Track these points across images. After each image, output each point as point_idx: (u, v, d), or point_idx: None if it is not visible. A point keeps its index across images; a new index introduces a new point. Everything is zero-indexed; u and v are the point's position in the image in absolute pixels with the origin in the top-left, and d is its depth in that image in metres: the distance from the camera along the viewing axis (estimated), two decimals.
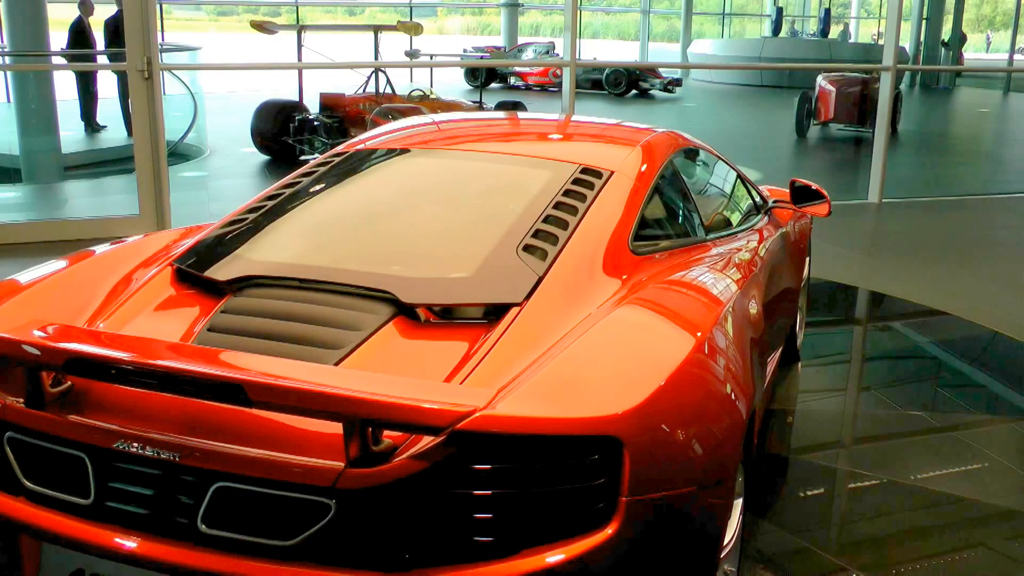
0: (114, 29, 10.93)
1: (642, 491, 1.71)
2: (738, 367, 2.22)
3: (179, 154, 10.50)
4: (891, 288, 5.91)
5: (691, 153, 3.56)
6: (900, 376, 4.62)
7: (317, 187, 2.85)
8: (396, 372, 1.90)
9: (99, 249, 2.70)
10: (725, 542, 2.14)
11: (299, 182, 2.91)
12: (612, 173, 2.72)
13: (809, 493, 3.34)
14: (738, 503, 2.22)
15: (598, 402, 1.73)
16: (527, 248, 2.31)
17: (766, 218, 3.79)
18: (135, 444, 1.74)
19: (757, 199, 3.88)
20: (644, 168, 2.85)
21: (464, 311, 2.14)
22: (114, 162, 10.02)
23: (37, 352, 1.78)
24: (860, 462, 3.61)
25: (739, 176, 3.85)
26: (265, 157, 10.90)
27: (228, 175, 10.47)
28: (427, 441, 1.64)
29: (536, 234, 2.37)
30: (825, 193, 4.00)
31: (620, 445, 1.68)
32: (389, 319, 2.08)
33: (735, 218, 3.66)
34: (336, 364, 1.93)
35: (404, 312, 2.12)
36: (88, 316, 2.26)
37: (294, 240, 2.54)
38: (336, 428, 1.66)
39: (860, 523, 3.14)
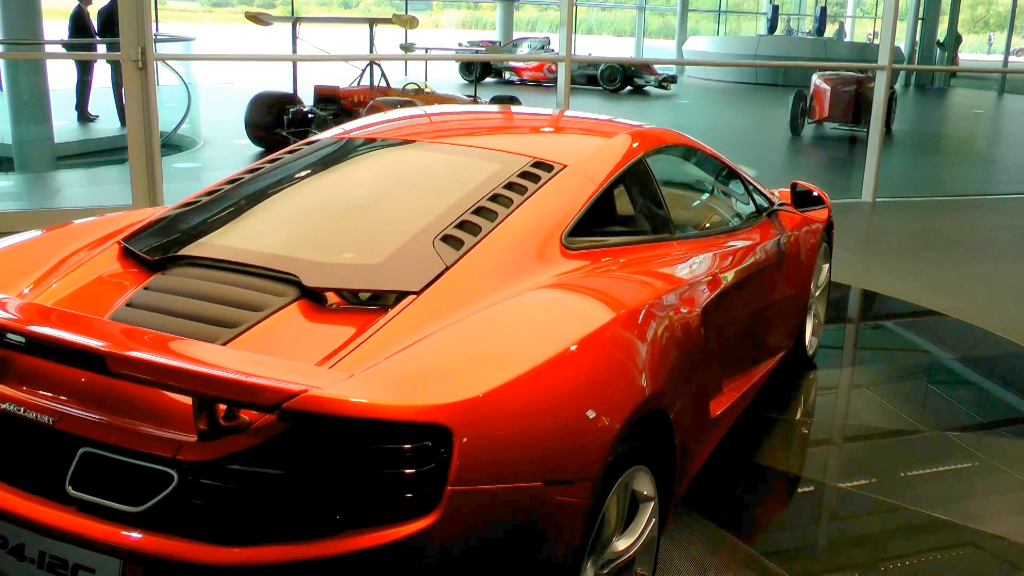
0: (107, 18, 10.89)
1: (472, 482, 1.70)
2: (637, 368, 2.16)
3: (172, 145, 10.48)
4: (884, 287, 5.92)
5: (678, 151, 3.49)
6: (890, 376, 4.62)
7: (271, 174, 2.91)
8: (278, 351, 1.94)
9: (77, 221, 2.79)
10: (631, 543, 2.15)
11: (259, 168, 2.98)
12: (564, 167, 2.70)
13: (761, 498, 3.30)
14: (648, 505, 2.23)
15: (433, 390, 1.74)
16: (445, 238, 2.32)
17: (767, 220, 3.67)
18: (20, 407, 1.86)
19: (760, 201, 3.76)
20: (603, 163, 2.82)
21: (368, 296, 2.17)
22: (107, 152, 9.99)
23: None
24: (828, 468, 3.62)
25: (739, 177, 3.75)
26: (259, 149, 10.88)
27: (221, 167, 10.44)
28: (264, 419, 1.70)
29: (461, 225, 2.37)
30: (826, 198, 3.95)
31: (450, 434, 1.68)
32: (292, 301, 2.13)
33: (724, 219, 3.59)
34: (227, 342, 1.98)
35: (309, 296, 2.16)
36: (30, 284, 2.35)
37: (231, 224, 2.60)
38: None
39: (808, 529, 3.12)
